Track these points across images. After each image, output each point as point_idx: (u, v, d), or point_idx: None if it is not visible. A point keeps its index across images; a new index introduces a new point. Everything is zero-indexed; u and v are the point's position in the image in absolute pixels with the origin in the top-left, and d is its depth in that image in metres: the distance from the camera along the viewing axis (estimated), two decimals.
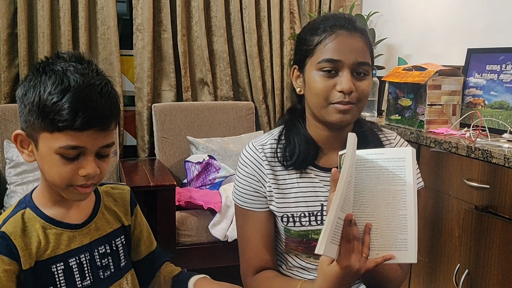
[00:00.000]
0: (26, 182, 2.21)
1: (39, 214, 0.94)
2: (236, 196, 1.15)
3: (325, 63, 1.02)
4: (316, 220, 1.11)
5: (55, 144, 0.85)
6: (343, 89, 1.01)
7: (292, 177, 1.12)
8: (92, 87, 0.85)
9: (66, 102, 0.83)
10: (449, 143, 1.71)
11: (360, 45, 1.03)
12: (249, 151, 1.14)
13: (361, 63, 1.03)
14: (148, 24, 2.63)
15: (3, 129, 2.36)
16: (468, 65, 2.06)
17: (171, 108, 2.66)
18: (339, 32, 1.03)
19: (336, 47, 1.02)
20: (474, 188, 1.62)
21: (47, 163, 0.88)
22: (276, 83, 2.90)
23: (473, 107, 1.98)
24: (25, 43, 2.46)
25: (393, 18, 2.79)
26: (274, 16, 2.85)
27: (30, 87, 0.87)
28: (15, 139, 0.91)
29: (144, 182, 2.08)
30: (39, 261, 0.92)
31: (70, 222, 0.96)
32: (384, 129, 1.20)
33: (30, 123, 0.87)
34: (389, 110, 2.14)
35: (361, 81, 1.03)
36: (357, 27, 1.04)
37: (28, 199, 0.96)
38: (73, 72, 0.86)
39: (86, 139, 0.85)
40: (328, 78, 1.03)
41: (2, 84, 2.46)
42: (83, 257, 0.97)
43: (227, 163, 2.50)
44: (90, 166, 0.87)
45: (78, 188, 0.89)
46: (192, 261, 2.18)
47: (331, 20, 1.05)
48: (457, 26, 2.30)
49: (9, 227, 0.90)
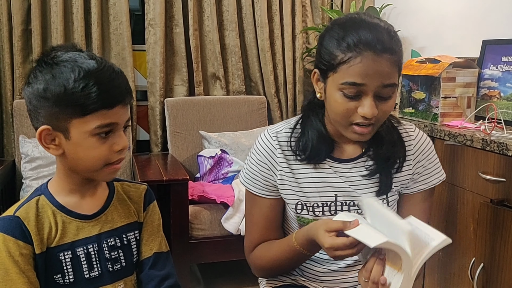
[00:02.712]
0: (41, 176, 2.24)
1: (51, 201, 0.97)
2: (246, 180, 1.16)
3: (348, 86, 0.98)
4: (330, 210, 1.12)
5: (89, 126, 0.90)
6: (366, 115, 0.98)
7: (305, 167, 1.12)
8: (107, 68, 0.91)
9: (93, 86, 0.88)
10: (463, 136, 1.69)
11: (387, 68, 0.97)
12: (264, 139, 1.14)
13: (386, 85, 0.98)
14: (160, 19, 2.63)
15: (18, 124, 2.39)
16: (483, 57, 2.03)
17: (183, 103, 2.67)
18: (366, 55, 0.96)
19: (361, 71, 0.96)
20: (490, 181, 1.60)
21: (83, 148, 0.91)
22: (288, 77, 2.89)
23: (488, 100, 1.96)
24: (39, 39, 2.48)
25: (406, 10, 2.76)
26: (286, 9, 2.83)
27: (48, 81, 0.89)
28: (40, 136, 0.92)
29: (158, 177, 2.10)
30: (50, 247, 0.94)
31: (81, 212, 0.98)
32: (403, 122, 1.17)
33: (57, 115, 0.90)
34: (403, 103, 2.13)
35: (385, 103, 1.00)
36: (386, 47, 0.97)
37: (44, 187, 0.99)
38: (82, 59, 0.90)
39: (115, 115, 0.91)
40: (350, 100, 0.99)
41: (17, 80, 2.49)
42: (91, 247, 0.98)
43: (240, 157, 2.50)
44: (123, 140, 0.94)
45: (114, 166, 0.94)
46: (205, 254, 2.19)
47: (357, 33, 0.97)
48: (472, 17, 2.27)
49: (23, 212, 0.94)
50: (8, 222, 0.92)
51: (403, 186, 1.15)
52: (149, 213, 1.08)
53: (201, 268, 2.61)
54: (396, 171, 1.12)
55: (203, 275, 2.55)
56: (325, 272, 1.16)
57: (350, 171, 1.11)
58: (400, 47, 1.02)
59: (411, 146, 1.14)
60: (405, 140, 1.14)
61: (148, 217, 1.08)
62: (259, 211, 1.16)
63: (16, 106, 2.40)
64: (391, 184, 1.12)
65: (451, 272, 1.82)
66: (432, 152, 1.16)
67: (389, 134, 1.11)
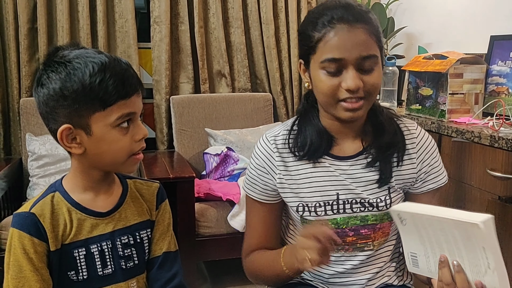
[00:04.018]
0: (48, 174, 2.25)
1: (66, 198, 0.97)
2: (246, 185, 1.17)
3: (327, 63, 0.98)
4: (332, 209, 1.10)
5: (111, 118, 0.91)
6: (349, 87, 0.98)
7: (305, 167, 1.11)
8: (117, 61, 0.93)
9: (109, 79, 0.90)
10: (471, 132, 1.68)
11: (363, 38, 0.97)
12: (262, 143, 1.14)
13: (365, 57, 0.98)
14: (165, 17, 2.63)
15: (25, 122, 2.40)
16: (491, 53, 2.01)
17: (189, 100, 2.67)
18: (339, 27, 0.97)
19: (337, 44, 0.97)
20: (498, 178, 1.59)
21: (106, 142, 0.92)
22: (294, 74, 2.88)
23: (496, 96, 1.94)
24: (45, 38, 2.49)
25: (413, 6, 2.74)
26: (291, 6, 2.83)
27: (64, 79, 0.90)
28: (61, 136, 0.92)
29: (164, 174, 2.10)
30: (64, 244, 0.95)
31: (95, 209, 0.98)
32: (404, 119, 1.16)
33: (77, 112, 0.90)
34: (409, 99, 2.11)
35: (369, 75, 0.99)
36: (358, 17, 0.97)
37: (58, 184, 0.99)
38: (92, 54, 0.92)
39: (133, 104, 0.93)
40: (333, 76, 0.99)
41: (23, 78, 2.50)
42: (104, 245, 0.98)
43: (246, 154, 2.50)
44: (142, 129, 0.96)
45: (137, 156, 0.96)
46: (212, 252, 2.20)
47: (330, 12, 0.98)
48: (480, 13, 2.25)
49: (38, 209, 0.94)
50: (23, 218, 0.93)
51: (408, 185, 1.13)
52: (161, 212, 1.09)
53: (208, 265, 2.62)
54: (397, 165, 1.10)
55: (210, 273, 2.55)
56: (332, 274, 1.15)
57: (350, 168, 1.10)
58: (376, 20, 1.02)
59: (413, 144, 1.12)
60: (405, 135, 1.12)
61: (160, 216, 1.08)
62: (257, 214, 1.16)
63: (23, 104, 2.41)
64: (391, 173, 1.09)
65: None
66: (436, 151, 1.15)
67: (390, 124, 1.10)
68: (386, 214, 1.11)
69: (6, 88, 2.52)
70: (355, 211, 1.10)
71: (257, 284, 1.23)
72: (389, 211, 1.00)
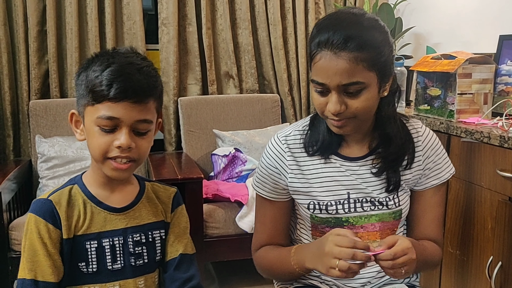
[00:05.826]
0: (57, 176, 2.27)
1: (83, 191, 1.00)
2: (256, 184, 1.19)
3: (315, 84, 1.02)
4: (343, 208, 1.12)
5: (95, 115, 0.92)
6: (330, 110, 1.01)
7: (316, 166, 1.13)
8: (133, 65, 0.93)
9: (104, 75, 0.90)
10: (480, 133, 1.67)
11: (345, 67, 0.97)
12: (273, 143, 1.16)
13: (346, 84, 0.98)
14: (173, 18, 2.64)
15: (35, 124, 2.42)
16: (500, 52, 2.00)
17: (197, 102, 2.67)
18: (324, 53, 0.98)
19: (321, 69, 1.00)
20: (508, 179, 1.57)
21: (90, 135, 0.95)
22: (301, 75, 2.88)
23: (505, 96, 1.92)
24: (54, 40, 2.51)
25: (421, 6, 2.73)
26: (299, 7, 2.82)
27: (82, 70, 0.96)
28: (71, 119, 1.00)
29: (172, 175, 2.11)
30: (77, 235, 0.98)
31: (110, 204, 1.01)
32: (411, 119, 1.18)
33: (79, 100, 0.96)
34: (418, 100, 2.10)
35: (354, 99, 1.00)
36: (346, 43, 0.96)
37: (78, 178, 1.03)
38: (121, 55, 0.94)
39: (121, 110, 0.91)
40: (321, 95, 1.03)
41: (32, 81, 2.51)
42: (116, 240, 1.00)
43: (253, 155, 2.50)
44: (124, 137, 0.92)
45: (113, 162, 0.94)
46: (220, 253, 2.20)
47: (320, 35, 1.00)
48: (488, 12, 2.23)
49: (56, 197, 0.98)
50: (40, 204, 0.97)
51: (414, 182, 1.16)
52: (176, 215, 1.10)
53: (216, 266, 2.62)
54: (405, 168, 1.13)
55: (218, 274, 2.56)
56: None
57: (359, 169, 1.13)
58: (379, 42, 0.99)
59: (419, 142, 1.15)
60: (414, 137, 1.15)
61: (175, 219, 1.10)
62: (267, 212, 1.19)
63: (32, 107, 2.43)
64: (400, 182, 1.13)
65: (468, 271, 1.79)
66: (440, 147, 1.17)
67: (398, 134, 1.11)
68: (395, 212, 1.13)
69: (16, 90, 2.54)
70: (366, 210, 1.12)
71: (267, 277, 1.25)
72: None
